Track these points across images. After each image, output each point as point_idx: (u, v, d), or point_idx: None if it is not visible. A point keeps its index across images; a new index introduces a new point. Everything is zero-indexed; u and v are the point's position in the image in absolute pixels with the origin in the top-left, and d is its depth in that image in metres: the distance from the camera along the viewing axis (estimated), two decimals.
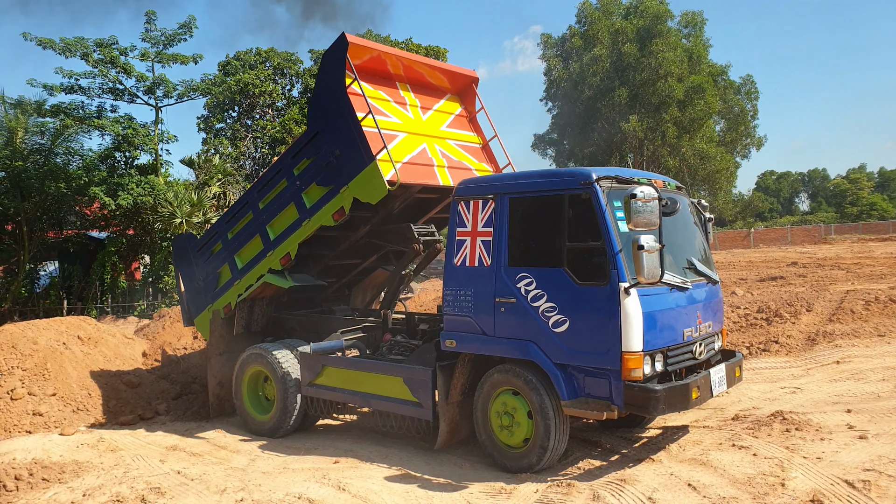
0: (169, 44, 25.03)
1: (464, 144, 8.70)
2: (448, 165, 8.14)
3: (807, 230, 50.65)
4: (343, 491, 5.85)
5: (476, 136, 9.01)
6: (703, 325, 6.16)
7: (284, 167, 8.16)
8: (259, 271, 8.26)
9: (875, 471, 5.25)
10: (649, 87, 35.69)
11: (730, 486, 5.20)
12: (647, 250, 5.16)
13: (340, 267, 9.20)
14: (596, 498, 5.20)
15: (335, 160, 7.48)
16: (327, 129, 7.60)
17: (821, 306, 12.78)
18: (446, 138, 8.50)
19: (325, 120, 7.65)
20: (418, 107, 8.41)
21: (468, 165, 8.50)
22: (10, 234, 24.20)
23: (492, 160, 8.92)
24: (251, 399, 8.35)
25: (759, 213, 72.58)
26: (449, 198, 7.67)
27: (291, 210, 7.98)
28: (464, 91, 9.11)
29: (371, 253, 9.09)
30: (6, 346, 9.89)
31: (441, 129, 8.54)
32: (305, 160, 7.87)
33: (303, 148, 7.92)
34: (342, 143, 7.41)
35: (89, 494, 6.18)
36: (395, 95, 8.21)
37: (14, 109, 23.75)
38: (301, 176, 7.90)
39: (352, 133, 7.28)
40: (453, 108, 8.99)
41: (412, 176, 7.51)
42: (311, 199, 7.77)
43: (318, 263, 8.64)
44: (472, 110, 9.11)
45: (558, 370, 5.74)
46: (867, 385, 7.98)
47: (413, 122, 8.16)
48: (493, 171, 8.71)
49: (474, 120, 9.11)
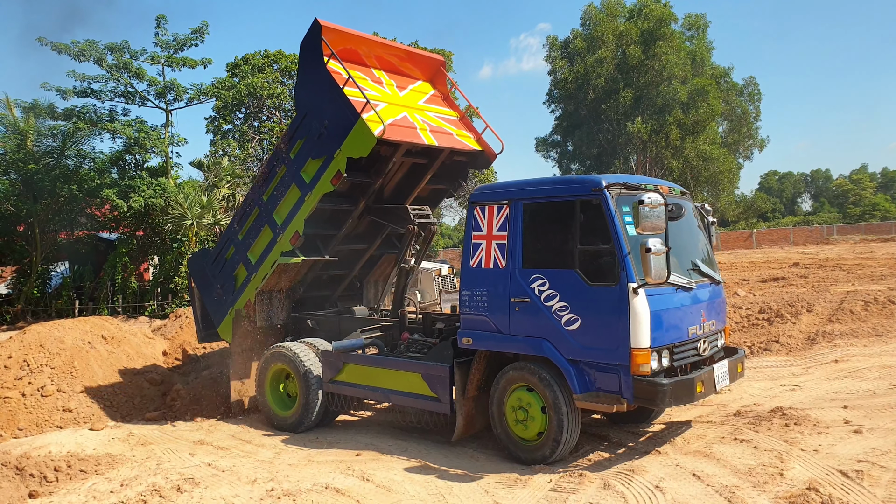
0: (180, 48, 25.45)
1: (442, 116, 9.30)
2: (430, 129, 8.71)
3: (809, 231, 50.89)
4: (367, 481, 6.20)
5: (452, 111, 9.64)
6: (707, 324, 6.52)
7: (281, 154, 8.81)
8: (272, 258, 8.70)
9: (868, 462, 5.61)
10: (653, 89, 36.02)
11: (732, 476, 5.56)
12: (655, 253, 5.53)
13: (350, 254, 9.67)
14: (606, 486, 5.56)
15: (325, 130, 8.12)
16: (314, 107, 8.32)
17: (821, 307, 13.12)
18: (424, 110, 9.10)
19: (310, 99, 8.38)
20: (394, 85, 9.10)
21: (449, 131, 9.06)
22: (23, 236, 24.61)
23: (471, 128, 9.50)
24: (274, 396, 8.70)
25: (761, 214, 72.80)
26: (438, 161, 8.63)
27: (294, 191, 8.55)
28: (434, 75, 9.82)
29: (375, 237, 9.60)
30: (34, 346, 10.29)
31: (419, 104, 9.16)
32: (299, 142, 8.52)
33: (295, 131, 8.62)
34: (329, 114, 8.08)
35: (127, 484, 6.54)
36: (371, 75, 8.89)
37: (27, 113, 24.18)
38: (297, 157, 8.52)
39: (336, 101, 7.94)
40: (427, 88, 9.66)
41: (397, 134, 8.08)
42: (309, 175, 8.36)
43: (327, 245, 9.07)
44: (445, 90, 9.82)
45: (570, 366, 6.10)
46: (864, 383, 8.33)
47: (391, 97, 8.80)
48: (474, 138, 9.35)
49: (448, 98, 9.82)
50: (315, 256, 8.80)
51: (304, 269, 8.91)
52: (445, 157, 9.05)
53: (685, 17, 40.32)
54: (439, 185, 9.64)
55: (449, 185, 9.73)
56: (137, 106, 26.54)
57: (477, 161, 9.48)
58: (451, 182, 9.69)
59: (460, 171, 9.59)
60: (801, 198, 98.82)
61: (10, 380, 9.65)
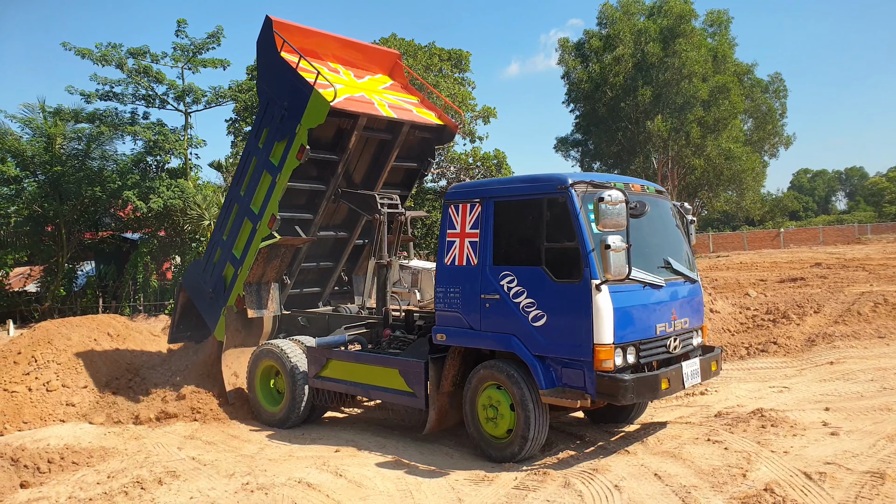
0: (198, 52, 25.94)
1: (402, 98, 9.61)
2: (389, 105, 9.02)
3: (840, 230, 49.74)
4: (340, 477, 6.30)
5: (413, 96, 9.93)
6: (679, 322, 6.48)
7: (251, 147, 9.26)
8: (255, 247, 8.95)
9: (835, 464, 5.52)
10: (673, 87, 35.58)
11: (693, 476, 5.53)
12: (614, 249, 5.55)
13: (335, 244, 9.96)
14: (567, 485, 5.57)
15: (286, 112, 8.51)
16: (273, 95, 8.78)
17: (830, 308, 12.88)
18: (384, 93, 9.42)
19: (269, 88, 8.86)
20: (352, 75, 9.45)
21: (408, 108, 9.36)
22: (50, 236, 25.29)
23: (432, 108, 9.78)
24: (263, 392, 8.85)
25: (791, 213, 71.37)
26: (400, 136, 9.00)
27: (266, 178, 8.92)
28: (392, 68, 10.21)
29: (355, 225, 9.89)
30: (43, 342, 10.59)
31: (378, 88, 9.50)
32: (265, 130, 8.98)
33: (261, 122, 9.09)
34: (287, 95, 8.49)
35: (113, 476, 6.76)
36: (328, 66, 9.21)
37: (54, 117, 24.87)
38: (265, 145, 8.95)
39: (291, 81, 8.38)
40: (386, 80, 10.00)
41: (353, 106, 8.45)
42: (277, 157, 8.73)
43: (306, 230, 9.32)
44: (404, 81, 10.16)
45: (537, 361, 6.13)
46: (854, 385, 8.18)
47: (349, 83, 9.13)
48: (435, 115, 9.65)
49: (408, 87, 10.14)
50: (292, 236, 9.04)
51: (287, 254, 9.11)
52: (408, 133, 9.27)
53: (707, 14, 39.90)
54: (409, 164, 9.91)
55: (419, 165, 10.02)
56: (157, 108, 27.12)
57: (441, 136, 9.81)
58: (420, 161, 9.99)
59: (427, 150, 9.91)
60: (836, 196, 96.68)
61: (19, 375, 9.94)
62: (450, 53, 33.17)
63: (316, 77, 8.05)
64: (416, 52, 31.44)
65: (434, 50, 32.40)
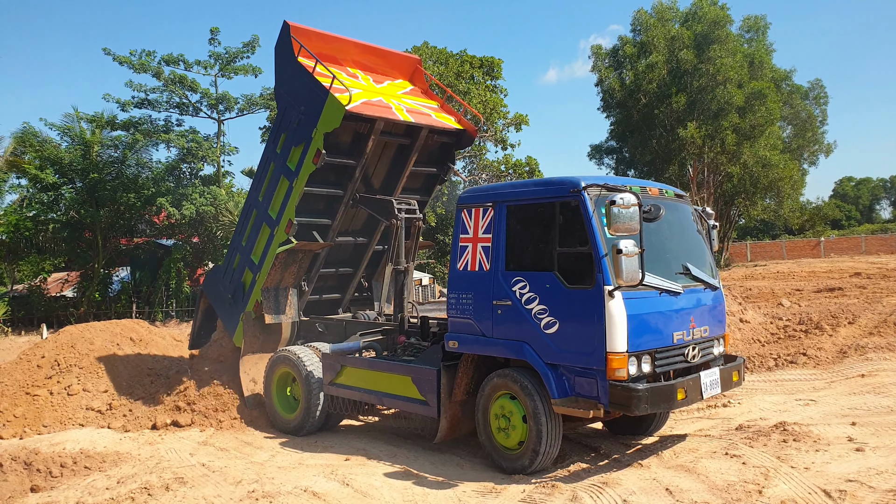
0: (232, 61, 26.33)
1: (421, 103, 9.49)
2: (407, 110, 8.91)
3: (884, 239, 48.16)
4: (347, 486, 6.21)
5: (433, 101, 9.81)
6: (698, 330, 6.24)
7: (269, 152, 9.23)
8: (272, 252, 8.94)
9: (857, 482, 5.23)
10: (707, 93, 34.89)
11: (706, 492, 5.28)
12: (626, 254, 5.35)
13: (354, 249, 9.89)
14: (574, 499, 5.38)
15: (303, 116, 8.48)
16: (291, 99, 8.75)
17: (866, 319, 12.42)
18: (403, 98, 9.31)
19: (287, 93, 8.84)
20: (371, 80, 9.36)
21: (427, 112, 9.23)
22: (87, 242, 25.85)
23: (451, 112, 9.66)
24: (280, 398, 8.81)
25: (833, 222, 69.46)
26: (419, 141, 8.89)
27: (283, 182, 8.89)
28: (412, 73, 10.09)
29: (374, 231, 9.81)
30: (66, 346, 10.74)
31: (397, 93, 9.39)
32: (283, 135, 8.95)
33: (279, 127, 9.05)
34: (303, 99, 8.45)
35: (123, 482, 6.76)
36: (347, 71, 9.15)
37: (91, 124, 25.47)
38: (282, 150, 8.93)
39: (307, 85, 8.35)
40: (405, 84, 9.89)
41: (370, 110, 8.37)
42: (294, 162, 8.70)
43: (324, 235, 9.28)
44: (424, 86, 10.03)
45: (549, 370, 5.95)
46: (885, 399, 7.79)
47: (367, 87, 9.06)
48: (454, 119, 9.51)
49: (428, 92, 10.02)
50: (309, 241, 9.01)
51: (305, 259, 9.07)
52: (427, 137, 9.19)
53: (743, 20, 39.09)
54: (428, 169, 9.81)
55: (438, 170, 9.92)
56: (191, 116, 27.62)
57: (460, 141, 9.71)
58: (439, 166, 9.88)
59: (447, 154, 9.81)
60: (880, 205, 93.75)
61: (41, 378, 10.09)
62: (482, 61, 33.09)
63: (332, 81, 8.02)
64: (448, 59, 31.41)
65: (465, 57, 32.35)
